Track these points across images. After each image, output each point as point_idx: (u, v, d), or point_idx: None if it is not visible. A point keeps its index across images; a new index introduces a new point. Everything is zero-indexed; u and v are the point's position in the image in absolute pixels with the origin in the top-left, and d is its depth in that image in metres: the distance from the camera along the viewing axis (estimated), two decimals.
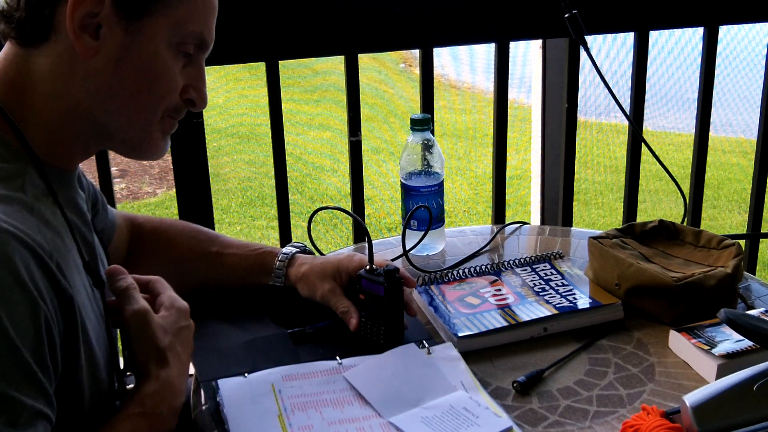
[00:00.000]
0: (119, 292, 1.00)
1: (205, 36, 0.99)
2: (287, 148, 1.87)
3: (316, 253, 1.38)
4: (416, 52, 1.97)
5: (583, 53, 1.80)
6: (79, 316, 0.89)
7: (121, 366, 1.03)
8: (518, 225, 1.66)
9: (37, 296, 0.81)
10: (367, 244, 1.24)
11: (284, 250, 1.33)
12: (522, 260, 1.44)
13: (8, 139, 0.91)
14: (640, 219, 1.74)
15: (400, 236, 1.48)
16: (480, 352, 1.21)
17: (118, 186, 4.94)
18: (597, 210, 4.66)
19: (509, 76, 1.95)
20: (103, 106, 0.95)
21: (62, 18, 0.90)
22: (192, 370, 1.17)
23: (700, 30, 2.02)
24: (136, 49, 0.94)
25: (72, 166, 1.01)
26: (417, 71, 3.73)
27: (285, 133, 1.85)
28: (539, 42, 2.21)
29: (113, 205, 1.79)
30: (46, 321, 0.82)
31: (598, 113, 5.91)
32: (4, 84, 0.94)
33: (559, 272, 1.40)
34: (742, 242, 2.25)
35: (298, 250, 1.34)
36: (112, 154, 1.87)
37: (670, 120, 6.11)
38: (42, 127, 0.94)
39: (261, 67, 1.80)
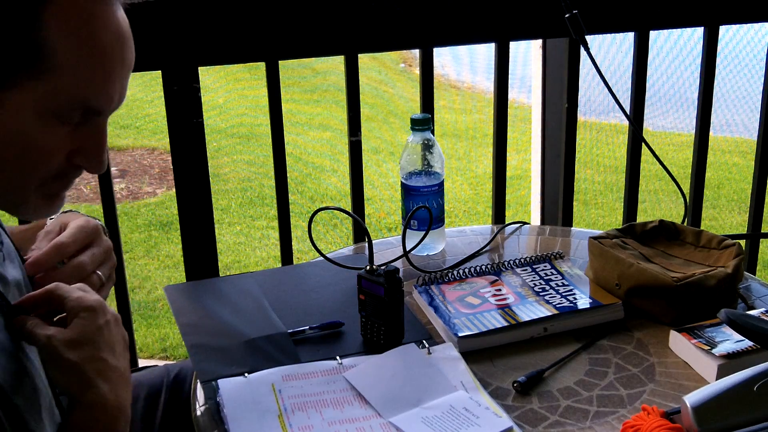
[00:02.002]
0: (26, 338, 0.90)
1: (92, 105, 0.86)
2: (287, 148, 1.87)
3: (316, 253, 1.38)
4: (416, 52, 1.97)
5: (583, 53, 1.80)
6: None
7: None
8: (518, 225, 1.66)
9: None
10: (367, 244, 1.24)
11: None
12: (522, 260, 1.44)
13: None
14: (640, 219, 1.74)
15: (400, 236, 1.48)
16: (480, 352, 1.21)
17: (118, 186, 4.93)
18: (597, 210, 4.65)
19: (509, 76, 1.95)
20: None
21: None
22: (191, 363, 1.16)
23: (700, 30, 2.01)
24: None
25: None
26: (417, 71, 3.73)
27: (285, 133, 1.84)
28: (539, 42, 2.21)
29: (113, 206, 1.79)
30: None
31: (598, 113, 5.90)
32: None
33: (559, 272, 1.40)
34: (743, 242, 2.25)
35: None
36: (111, 153, 1.86)
37: (670, 120, 6.11)
38: None
39: (261, 67, 1.80)
